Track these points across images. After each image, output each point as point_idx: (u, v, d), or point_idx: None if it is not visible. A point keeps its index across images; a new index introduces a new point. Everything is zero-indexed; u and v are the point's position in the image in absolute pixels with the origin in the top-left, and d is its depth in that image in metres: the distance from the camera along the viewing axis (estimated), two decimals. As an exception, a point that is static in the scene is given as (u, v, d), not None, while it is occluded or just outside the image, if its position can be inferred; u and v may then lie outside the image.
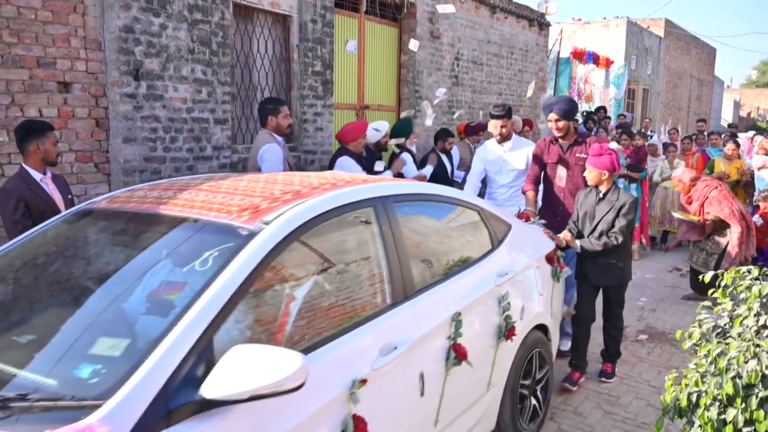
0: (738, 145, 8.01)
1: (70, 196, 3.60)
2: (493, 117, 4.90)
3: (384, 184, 2.78)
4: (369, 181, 2.83)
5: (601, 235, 4.00)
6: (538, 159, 4.63)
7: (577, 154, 4.45)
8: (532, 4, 10.02)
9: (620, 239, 3.94)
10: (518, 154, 4.92)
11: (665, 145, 8.89)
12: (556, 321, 3.83)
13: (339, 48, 6.62)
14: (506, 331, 3.03)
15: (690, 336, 2.48)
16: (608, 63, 14.34)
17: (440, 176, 6.35)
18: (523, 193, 4.66)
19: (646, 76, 19.21)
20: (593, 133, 10.03)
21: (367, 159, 5.50)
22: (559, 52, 12.16)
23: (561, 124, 4.42)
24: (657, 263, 8.03)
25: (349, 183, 2.67)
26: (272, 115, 4.62)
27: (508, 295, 3.11)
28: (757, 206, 7.02)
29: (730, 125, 13.61)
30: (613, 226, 3.97)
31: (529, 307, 3.34)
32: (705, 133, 10.13)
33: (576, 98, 12.82)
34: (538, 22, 10.43)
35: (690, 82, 24.51)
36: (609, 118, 11.52)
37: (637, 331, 5.40)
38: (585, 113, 11.79)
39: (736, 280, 2.46)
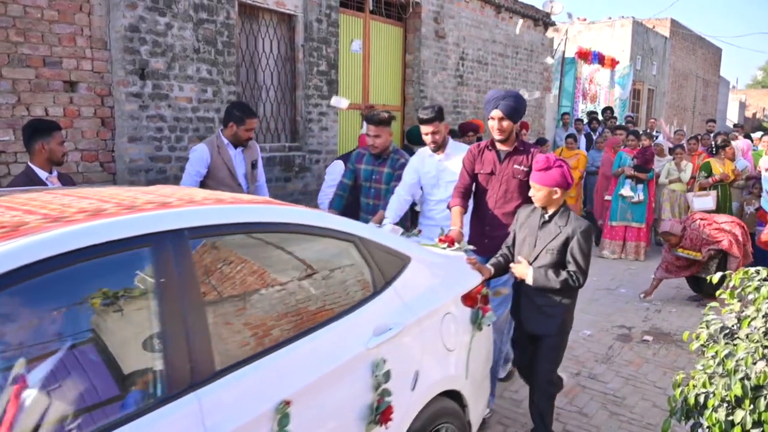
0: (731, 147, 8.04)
1: (75, 195, 3.60)
2: (421, 122, 3.94)
3: (184, 211, 1.93)
4: (225, 201, 2.14)
5: (548, 268, 3.13)
6: (468, 167, 3.72)
7: (515, 166, 3.58)
8: (538, 3, 10.02)
9: (582, 281, 3.10)
10: (456, 162, 3.91)
11: (672, 147, 8.84)
12: (478, 382, 2.99)
13: (344, 48, 6.62)
14: (378, 413, 2.21)
15: (697, 337, 2.47)
16: (613, 63, 14.30)
17: None
18: (448, 208, 3.78)
19: (652, 77, 19.16)
20: (598, 134, 10.00)
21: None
22: (564, 52, 12.13)
23: (505, 124, 3.51)
24: (662, 264, 8.01)
25: (166, 206, 1.94)
26: (235, 123, 4.21)
27: (387, 361, 2.29)
28: (761, 209, 7.01)
29: (735, 126, 13.57)
30: (560, 258, 3.11)
31: (427, 371, 2.54)
32: (711, 134, 10.10)
33: (581, 98, 12.79)
34: (544, 22, 10.41)
35: (695, 83, 24.43)
36: (615, 118, 11.49)
37: (643, 332, 5.38)
38: (589, 113, 11.77)
39: (744, 281, 2.44)
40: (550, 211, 3.17)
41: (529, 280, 3.13)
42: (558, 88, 11.69)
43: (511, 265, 3.28)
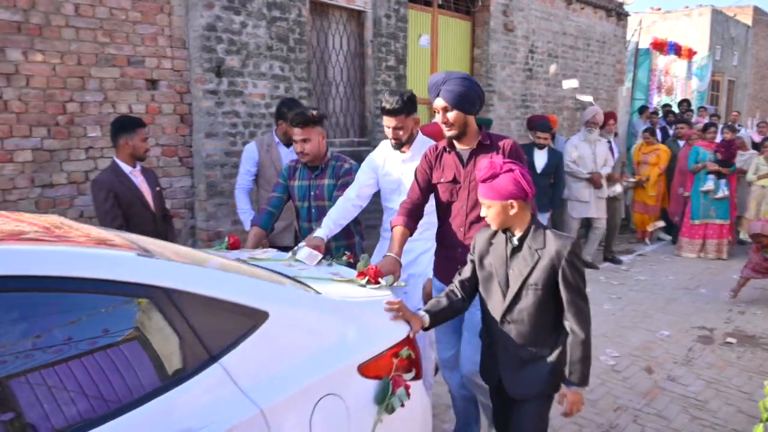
0: None
1: (158, 189, 3.75)
2: (383, 113, 3.22)
3: None
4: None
5: (530, 315, 2.33)
6: (422, 177, 2.91)
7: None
8: (611, -7, 9.68)
9: (588, 332, 2.29)
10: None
11: (762, 141, 8.36)
12: None
13: (412, 42, 6.61)
14: None
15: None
16: (691, 54, 13.67)
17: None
18: (391, 228, 2.94)
19: (732, 67, 18.23)
20: (675, 127, 9.58)
21: None
22: (638, 43, 11.70)
23: (452, 116, 2.69)
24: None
25: None
26: (285, 121, 4.00)
27: None
28: None
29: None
30: (546, 295, 2.29)
31: None
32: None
33: (656, 91, 12.31)
34: (617, 13, 10.07)
35: (780, 73, 23.07)
36: (692, 111, 10.99)
37: (725, 333, 5.13)
38: (664, 106, 11.30)
39: None
40: (518, 233, 2.34)
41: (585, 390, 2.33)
42: (632, 80, 11.28)
43: (562, 401, 2.34)
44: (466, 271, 2.52)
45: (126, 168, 3.58)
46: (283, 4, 5.12)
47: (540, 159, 6.40)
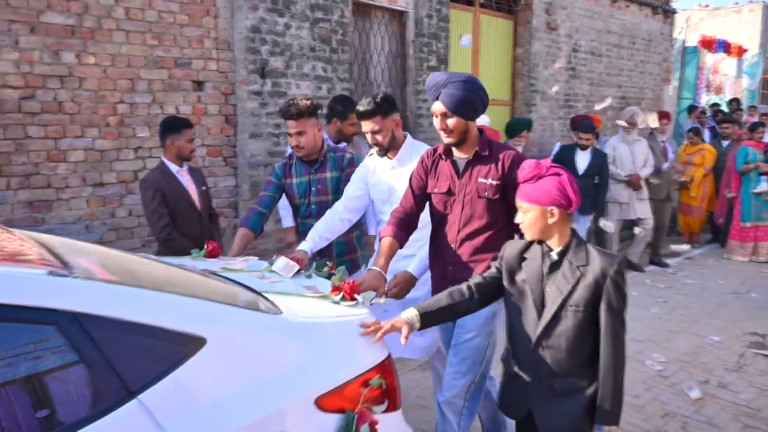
0: None
1: (204, 188, 3.81)
2: (358, 117, 3.01)
3: None
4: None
5: (568, 340, 2.08)
6: (416, 183, 2.72)
7: (480, 179, 2.54)
8: (657, -10, 9.46)
9: (622, 362, 2.06)
10: (411, 170, 2.84)
11: None
12: None
13: (453, 42, 6.58)
14: None
15: None
16: (741, 51, 13.26)
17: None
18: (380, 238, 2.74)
19: (784, 65, 17.58)
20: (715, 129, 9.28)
21: None
22: (685, 41, 11.40)
23: (451, 122, 2.48)
24: (799, 268, 7.33)
25: None
26: (338, 118, 4.05)
27: None
28: None
29: None
30: (588, 318, 2.05)
31: None
32: None
33: (704, 90, 11.97)
34: (663, 10, 9.84)
35: (836, 71, 22.16)
36: (741, 110, 10.65)
37: (779, 340, 4.95)
38: (712, 105, 10.98)
39: None
40: (557, 247, 2.12)
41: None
42: (678, 79, 11.00)
43: None
44: (488, 274, 2.30)
45: (173, 167, 3.65)
46: (325, 5, 5.16)
47: (583, 160, 6.30)
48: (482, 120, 5.52)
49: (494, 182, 2.50)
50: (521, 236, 2.25)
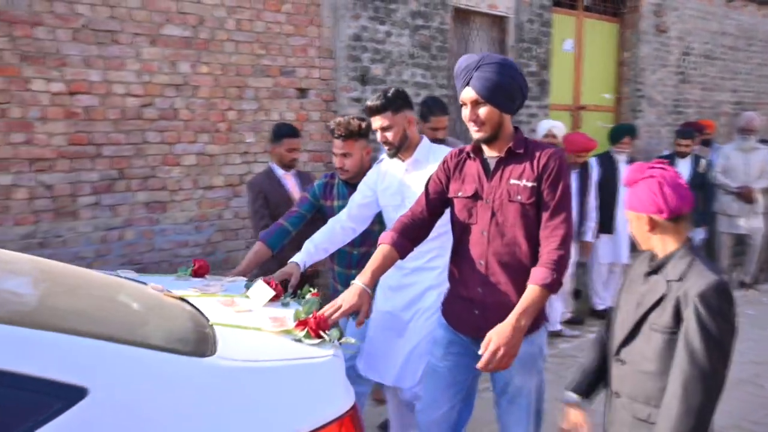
0: None
1: (307, 192, 3.91)
2: (367, 113, 2.75)
3: None
4: None
5: (650, 362, 1.83)
6: (434, 187, 2.34)
7: (512, 180, 2.14)
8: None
9: (710, 396, 1.69)
10: (428, 174, 2.48)
11: None
12: None
13: (555, 47, 6.41)
14: None
15: None
16: None
17: None
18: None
19: None
20: None
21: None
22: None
23: (483, 112, 2.11)
24: None
25: None
26: (422, 119, 3.91)
27: None
28: None
29: None
30: (672, 345, 1.76)
31: None
32: None
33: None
34: (786, 9, 9.13)
35: None
36: None
37: None
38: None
39: None
40: (660, 255, 1.89)
41: None
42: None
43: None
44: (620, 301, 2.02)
45: (279, 172, 3.79)
46: (426, 12, 5.17)
47: (683, 169, 5.85)
48: (557, 127, 5.22)
49: (529, 184, 2.10)
50: None
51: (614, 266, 5.69)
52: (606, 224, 5.43)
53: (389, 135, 2.66)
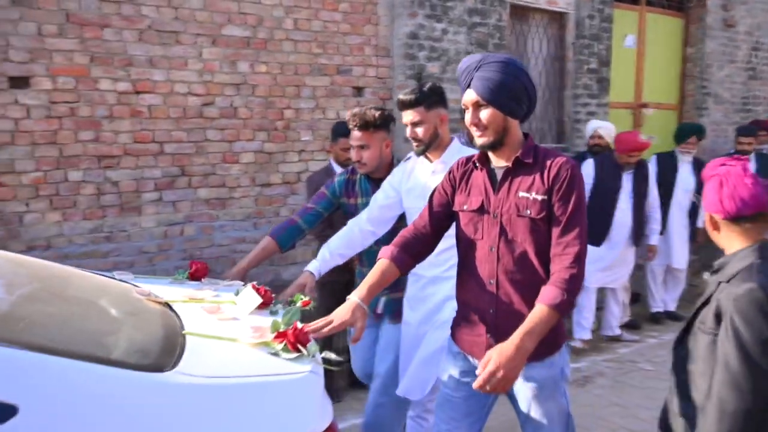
0: None
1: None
2: (398, 107, 2.60)
3: None
4: None
5: (703, 362, 1.74)
6: (439, 199, 2.17)
7: (521, 193, 1.96)
8: None
9: (746, 409, 1.56)
10: None
11: None
12: None
13: (616, 43, 6.24)
14: None
15: None
16: None
17: None
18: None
19: None
20: None
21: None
22: None
23: (485, 115, 1.95)
24: None
25: None
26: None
27: None
28: None
29: None
30: (711, 339, 1.70)
31: None
32: None
33: None
34: None
35: None
36: None
37: None
38: None
39: None
40: (727, 254, 1.79)
41: None
42: None
43: None
44: None
45: (337, 168, 3.81)
46: (483, 9, 5.11)
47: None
48: (604, 127, 5.07)
49: (539, 197, 1.91)
50: None
51: (674, 270, 5.49)
52: None
53: (419, 131, 2.52)
